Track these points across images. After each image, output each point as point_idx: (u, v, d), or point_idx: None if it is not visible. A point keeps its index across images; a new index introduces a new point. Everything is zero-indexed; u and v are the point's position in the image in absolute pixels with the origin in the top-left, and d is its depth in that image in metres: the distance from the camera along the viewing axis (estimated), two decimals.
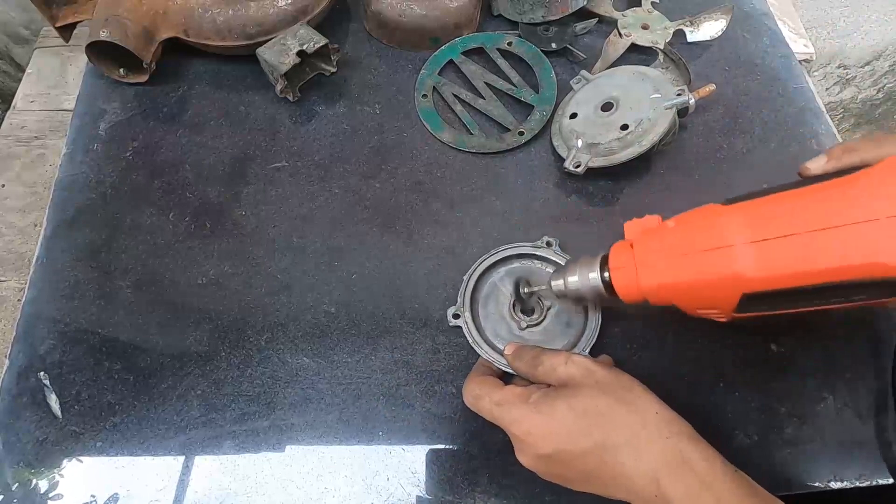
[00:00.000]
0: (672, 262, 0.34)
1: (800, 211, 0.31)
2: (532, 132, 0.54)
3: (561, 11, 0.59)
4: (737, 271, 0.31)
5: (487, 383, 0.38)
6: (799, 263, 0.30)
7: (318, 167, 0.53)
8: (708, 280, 0.33)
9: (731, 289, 0.32)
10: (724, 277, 0.32)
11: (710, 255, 0.33)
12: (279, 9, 0.53)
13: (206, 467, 0.41)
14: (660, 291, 0.35)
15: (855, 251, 0.29)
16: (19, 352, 0.45)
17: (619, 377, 0.36)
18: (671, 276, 0.35)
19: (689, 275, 0.34)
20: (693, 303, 0.35)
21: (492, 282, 0.47)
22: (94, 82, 0.57)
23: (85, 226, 0.50)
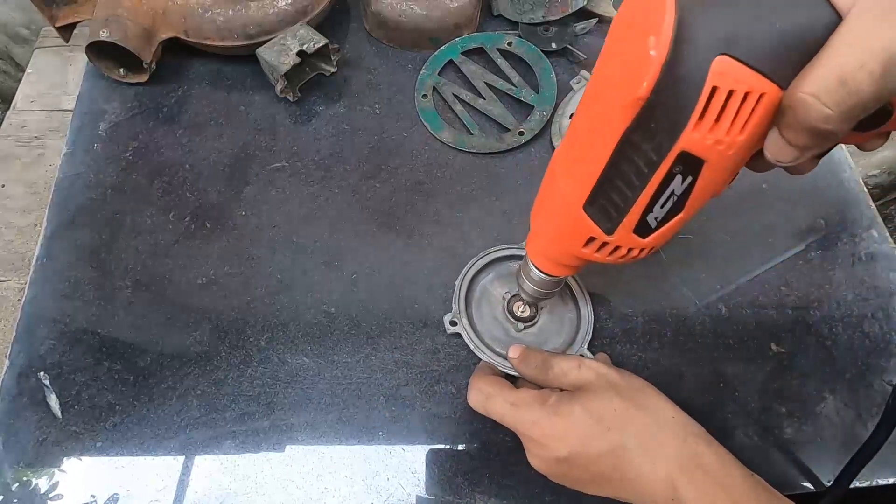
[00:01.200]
0: (538, 218, 0.35)
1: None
2: (532, 132, 0.54)
3: (561, 11, 0.59)
4: (563, 191, 0.31)
5: (498, 383, 0.38)
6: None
7: (318, 167, 0.53)
8: (556, 216, 0.32)
9: (572, 210, 0.31)
10: (562, 205, 0.31)
11: (549, 192, 0.33)
12: (279, 9, 0.53)
13: (206, 467, 0.41)
14: (555, 251, 0.35)
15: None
16: (19, 352, 0.45)
17: (631, 380, 0.36)
18: (544, 233, 0.35)
19: (549, 223, 0.34)
20: (574, 243, 0.33)
21: (482, 285, 0.47)
22: (94, 82, 0.57)
23: (85, 226, 0.50)
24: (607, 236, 0.30)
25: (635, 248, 0.30)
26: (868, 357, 0.46)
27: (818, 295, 0.48)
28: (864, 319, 0.47)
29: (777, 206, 0.52)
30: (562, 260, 0.35)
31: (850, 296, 0.48)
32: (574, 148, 0.30)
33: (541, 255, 0.36)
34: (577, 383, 0.36)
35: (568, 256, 0.34)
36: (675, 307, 0.47)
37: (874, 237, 0.51)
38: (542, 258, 0.36)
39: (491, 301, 0.46)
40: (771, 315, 0.47)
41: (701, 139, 0.23)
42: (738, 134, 0.23)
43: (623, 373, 0.37)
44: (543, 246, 0.35)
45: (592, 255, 0.32)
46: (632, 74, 0.23)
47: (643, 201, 0.27)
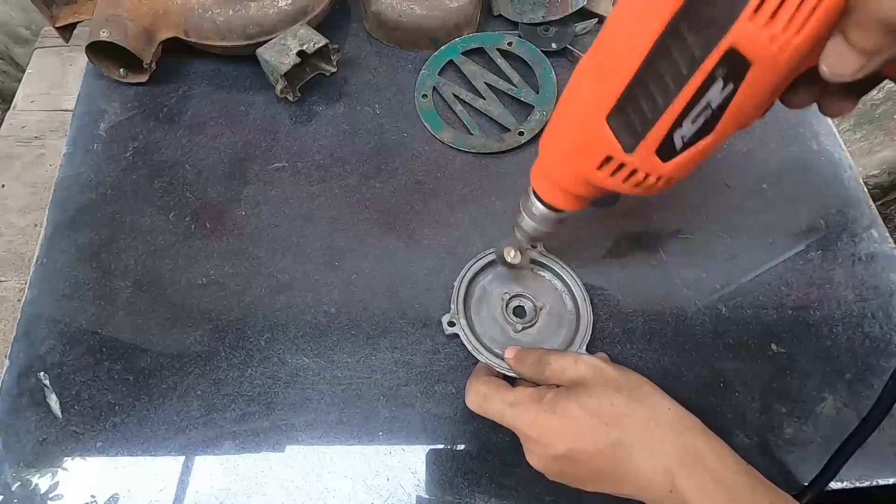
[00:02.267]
0: (553, 137, 0.32)
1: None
2: (532, 132, 0.54)
3: (561, 11, 0.59)
4: (585, 98, 0.29)
5: (494, 383, 0.38)
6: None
7: (318, 167, 0.53)
8: (574, 129, 0.30)
9: (593, 120, 0.28)
10: (582, 114, 0.29)
11: (569, 104, 0.31)
12: (279, 9, 0.53)
13: (206, 467, 0.41)
14: (565, 175, 0.32)
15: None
16: (19, 352, 0.45)
17: (628, 375, 0.36)
18: (557, 150, 0.32)
19: (564, 139, 0.31)
20: (587, 162, 0.30)
21: (482, 286, 0.47)
22: (94, 82, 0.57)
23: (85, 226, 0.50)
24: (626, 155, 0.27)
25: (653, 173, 0.28)
26: (868, 357, 0.46)
27: (818, 295, 0.48)
28: (864, 319, 0.47)
29: (777, 206, 0.52)
30: (570, 186, 0.32)
31: (850, 296, 0.48)
32: (605, 47, 0.27)
33: (546, 181, 0.34)
34: (574, 379, 0.36)
35: (577, 181, 0.31)
36: (675, 307, 0.47)
37: (874, 237, 0.51)
38: (548, 184, 0.34)
39: (490, 302, 0.46)
40: (771, 315, 0.47)
41: (754, 33, 0.21)
42: (794, 33, 0.21)
43: (620, 368, 0.37)
44: (551, 168, 0.33)
45: (606, 178, 0.29)
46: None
47: (675, 110, 0.25)
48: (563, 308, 0.46)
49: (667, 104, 0.25)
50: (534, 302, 0.46)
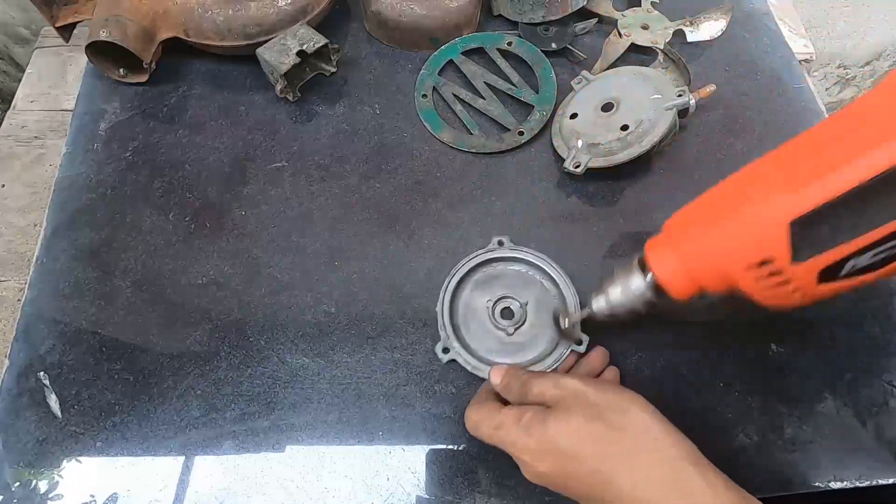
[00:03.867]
0: (705, 221, 0.30)
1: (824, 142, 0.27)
2: (532, 132, 0.54)
3: (561, 11, 0.59)
4: (773, 193, 0.27)
5: (484, 409, 0.38)
6: (837, 163, 0.25)
7: (318, 167, 0.53)
8: (744, 220, 0.28)
9: (774, 219, 0.27)
10: (762, 208, 0.27)
11: (742, 193, 0.29)
12: (279, 9, 0.53)
13: (206, 467, 0.41)
14: (702, 262, 0.31)
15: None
16: (19, 352, 0.45)
17: (613, 398, 0.34)
18: (707, 236, 0.30)
19: (725, 227, 0.29)
20: (741, 257, 0.29)
21: (463, 301, 0.47)
22: (94, 82, 0.57)
23: (85, 226, 0.50)
24: (790, 264, 0.26)
25: (802, 290, 0.27)
26: (868, 357, 0.46)
27: None
28: (864, 319, 0.47)
29: None
30: (702, 274, 0.31)
31: (850, 296, 0.48)
32: (812, 156, 0.27)
33: (673, 262, 0.32)
34: (553, 401, 0.35)
35: (714, 273, 0.30)
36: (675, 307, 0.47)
37: None
38: (674, 265, 0.32)
39: (476, 314, 0.46)
40: (771, 315, 0.47)
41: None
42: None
43: (605, 389, 0.35)
44: (687, 251, 0.31)
45: (749, 280, 0.28)
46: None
47: (867, 239, 0.24)
48: (546, 295, 0.46)
49: (862, 232, 0.24)
50: (517, 300, 0.46)
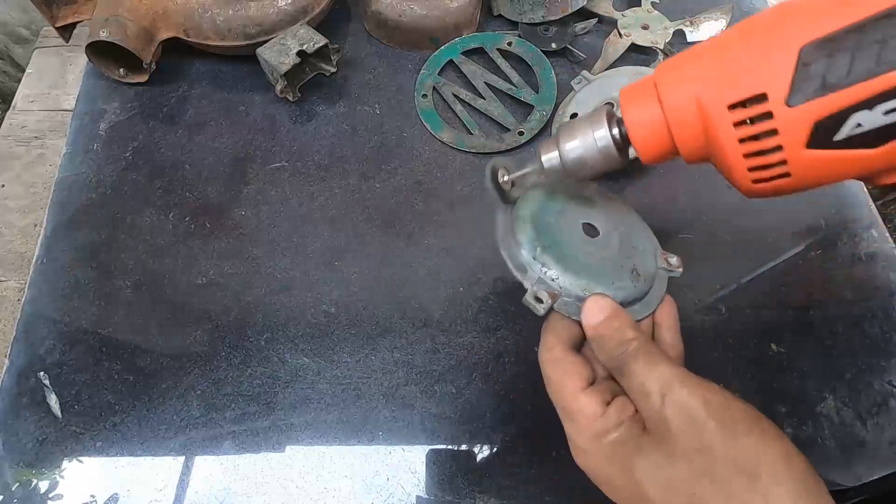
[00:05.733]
0: (696, 57, 0.25)
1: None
2: (532, 132, 0.54)
3: (561, 11, 0.59)
4: (784, 18, 0.23)
5: (560, 368, 0.29)
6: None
7: (318, 167, 0.53)
8: (745, 47, 0.24)
9: (782, 42, 0.22)
10: (769, 32, 0.23)
11: (744, 27, 0.24)
12: (279, 9, 0.53)
13: (206, 467, 0.41)
14: (682, 104, 0.25)
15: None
16: (19, 352, 0.45)
17: (744, 448, 0.24)
18: (695, 68, 0.25)
19: (719, 57, 0.25)
20: (729, 91, 0.24)
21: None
22: (94, 82, 0.57)
23: (85, 226, 0.50)
24: (784, 106, 0.22)
25: (784, 151, 0.22)
26: (868, 357, 0.46)
27: (818, 295, 0.48)
28: (864, 319, 0.47)
29: (777, 206, 0.52)
30: (680, 123, 0.25)
31: (850, 296, 0.48)
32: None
33: (650, 110, 0.27)
34: (654, 419, 0.26)
35: (693, 120, 0.25)
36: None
37: (874, 237, 0.51)
38: (650, 114, 0.27)
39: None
40: (771, 315, 0.47)
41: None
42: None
43: (735, 424, 0.24)
44: (671, 94, 0.26)
45: (728, 124, 0.23)
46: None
47: (880, 84, 0.20)
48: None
49: (876, 72, 0.20)
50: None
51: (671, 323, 0.33)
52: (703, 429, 0.24)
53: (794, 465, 0.23)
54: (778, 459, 0.23)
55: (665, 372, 0.26)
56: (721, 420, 0.24)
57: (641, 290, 0.34)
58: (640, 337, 0.29)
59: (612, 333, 0.29)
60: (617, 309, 0.30)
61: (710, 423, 0.24)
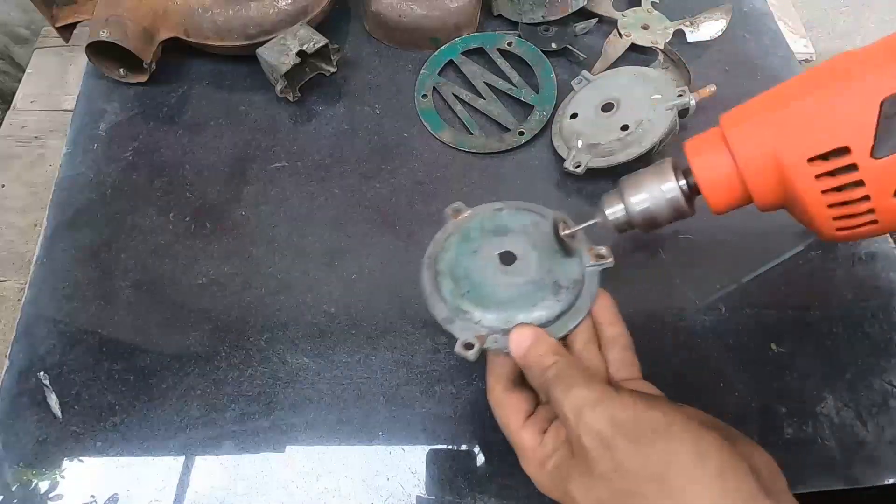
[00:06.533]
0: (770, 108, 0.25)
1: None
2: (532, 132, 0.54)
3: (561, 11, 0.59)
4: (864, 69, 0.23)
5: (505, 405, 0.31)
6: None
7: (318, 167, 0.53)
8: (821, 100, 0.23)
9: (862, 95, 0.22)
10: (847, 83, 0.23)
11: (819, 77, 0.24)
12: (279, 9, 0.53)
13: (206, 467, 0.41)
14: (757, 157, 0.25)
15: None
16: (19, 352, 0.45)
17: (649, 457, 0.25)
18: (769, 122, 0.25)
19: (795, 109, 0.24)
20: (808, 145, 0.24)
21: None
22: (94, 82, 0.57)
23: (85, 226, 0.50)
24: (868, 158, 0.21)
25: (870, 202, 0.22)
26: (868, 357, 0.46)
27: (818, 295, 0.48)
28: (864, 319, 0.47)
29: None
30: (754, 175, 0.25)
31: (850, 296, 0.48)
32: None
33: (721, 162, 0.26)
34: (575, 444, 0.27)
35: (769, 171, 0.24)
36: (675, 307, 0.47)
37: None
38: (722, 166, 0.26)
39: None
40: (771, 315, 0.47)
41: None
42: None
43: (640, 438, 0.25)
44: (743, 146, 0.25)
45: (809, 178, 0.23)
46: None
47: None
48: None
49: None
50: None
51: (610, 317, 0.35)
52: (614, 448, 0.25)
53: (706, 463, 0.24)
54: (687, 461, 0.24)
55: (578, 395, 0.27)
56: (627, 436, 0.25)
57: (568, 300, 0.34)
58: (560, 361, 0.30)
59: (532, 363, 0.31)
60: (537, 335, 0.31)
61: (618, 441, 0.25)
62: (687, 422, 0.26)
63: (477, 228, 0.38)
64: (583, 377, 0.29)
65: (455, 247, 0.38)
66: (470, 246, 0.37)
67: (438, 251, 0.38)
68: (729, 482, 0.24)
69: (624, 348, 0.34)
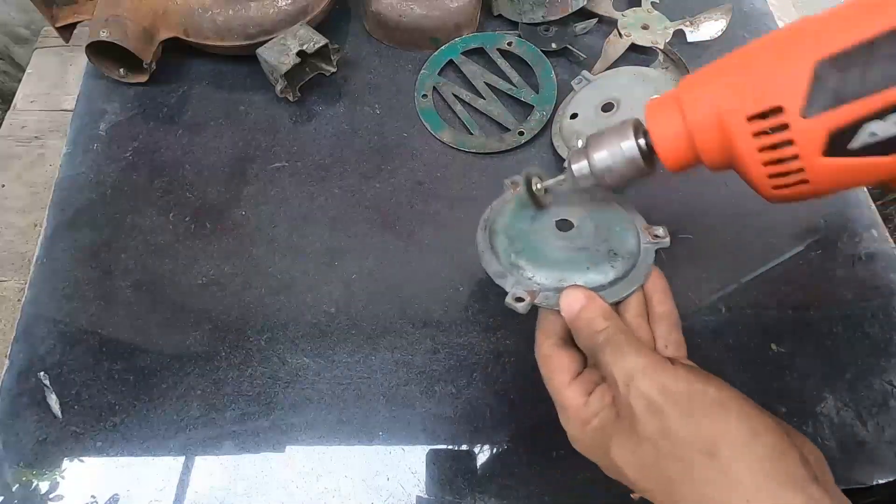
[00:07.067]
0: (717, 72, 0.27)
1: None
2: (532, 132, 0.54)
3: (561, 11, 0.59)
4: (800, 36, 0.24)
5: (552, 361, 0.31)
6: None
7: (318, 167, 0.53)
8: (763, 63, 0.25)
9: (797, 58, 0.24)
10: (786, 49, 0.24)
11: (764, 43, 0.26)
12: (279, 9, 0.53)
13: (206, 467, 0.41)
14: (704, 116, 0.27)
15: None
16: (19, 352, 0.45)
17: (701, 429, 0.25)
18: (715, 84, 0.27)
19: (738, 73, 0.26)
20: (747, 104, 0.25)
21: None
22: (94, 82, 0.57)
23: (85, 226, 0.50)
24: (799, 118, 0.23)
25: (801, 160, 0.23)
26: (868, 357, 0.46)
27: (818, 295, 0.48)
28: (864, 319, 0.47)
29: (777, 206, 0.52)
30: (701, 135, 0.27)
31: (850, 296, 0.48)
32: (841, 18, 0.24)
33: (674, 122, 0.28)
34: (622, 407, 0.27)
35: (714, 131, 0.26)
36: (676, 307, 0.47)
37: (874, 237, 0.51)
38: (674, 126, 0.28)
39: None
40: (771, 315, 0.47)
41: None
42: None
43: (693, 406, 0.25)
44: (693, 107, 0.27)
45: (748, 135, 0.24)
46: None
47: (885, 98, 0.21)
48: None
49: (886, 85, 0.21)
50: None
51: (662, 294, 0.34)
52: (663, 415, 0.26)
53: (758, 441, 0.24)
54: (739, 438, 0.24)
55: (630, 361, 0.28)
56: (678, 406, 0.26)
57: (623, 269, 0.34)
58: (611, 326, 0.30)
59: (583, 325, 0.31)
60: (590, 297, 0.31)
61: (668, 408, 0.26)
62: (743, 400, 0.26)
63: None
64: (634, 344, 0.29)
65: (512, 212, 0.38)
66: (527, 212, 0.38)
67: (495, 215, 0.39)
68: (779, 464, 0.24)
69: (673, 326, 0.34)
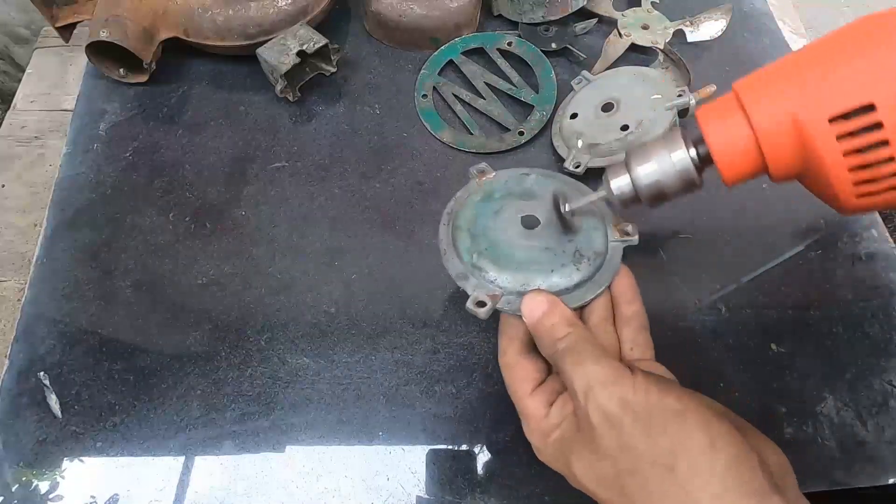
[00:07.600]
0: (791, 70, 0.24)
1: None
2: (532, 132, 0.54)
3: (561, 11, 0.59)
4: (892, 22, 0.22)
5: (517, 370, 0.31)
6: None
7: (318, 167, 0.53)
8: (848, 57, 0.22)
9: (891, 53, 0.21)
10: (874, 44, 0.22)
11: (844, 37, 0.23)
12: (279, 9, 0.53)
13: (206, 467, 0.41)
14: (776, 121, 0.24)
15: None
16: (19, 352, 0.45)
17: (659, 443, 0.24)
18: (791, 83, 0.24)
19: (819, 69, 0.23)
20: (831, 102, 0.23)
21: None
22: (94, 82, 0.57)
23: (85, 226, 0.50)
24: (895, 115, 0.20)
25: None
26: (868, 357, 0.46)
27: (818, 295, 0.48)
28: (864, 319, 0.47)
29: (777, 206, 0.52)
30: (772, 140, 0.24)
31: (850, 296, 0.48)
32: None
33: (737, 128, 0.25)
34: (582, 419, 0.27)
35: (789, 135, 0.23)
36: (675, 307, 0.47)
37: (874, 237, 0.51)
38: (738, 132, 0.25)
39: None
40: (771, 315, 0.47)
41: None
42: None
43: (651, 419, 0.25)
44: (761, 111, 0.24)
45: (831, 138, 0.22)
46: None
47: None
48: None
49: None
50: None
51: (629, 295, 0.34)
52: (621, 428, 0.25)
53: (717, 454, 0.24)
54: (697, 450, 0.24)
55: (589, 372, 0.27)
56: (637, 418, 0.25)
57: (588, 272, 0.33)
58: (572, 333, 0.29)
59: (544, 332, 0.30)
60: (552, 303, 0.30)
61: (627, 422, 0.25)
62: (701, 410, 0.25)
63: (501, 190, 0.37)
64: (595, 353, 0.28)
65: (476, 205, 0.37)
66: (492, 206, 0.36)
67: (459, 208, 0.37)
68: (738, 475, 0.23)
69: (640, 328, 0.33)
